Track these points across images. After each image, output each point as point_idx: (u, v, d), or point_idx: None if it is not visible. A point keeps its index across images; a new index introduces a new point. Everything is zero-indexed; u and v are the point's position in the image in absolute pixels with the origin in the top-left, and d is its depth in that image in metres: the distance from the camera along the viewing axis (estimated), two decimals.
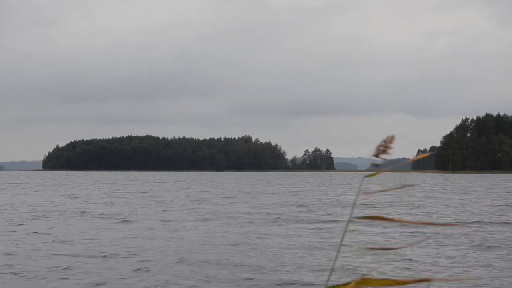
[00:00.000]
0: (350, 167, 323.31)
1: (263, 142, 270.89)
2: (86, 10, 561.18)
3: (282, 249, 14.74)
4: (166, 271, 11.62)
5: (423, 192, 46.05)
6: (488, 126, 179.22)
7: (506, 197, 39.88)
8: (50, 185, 65.13)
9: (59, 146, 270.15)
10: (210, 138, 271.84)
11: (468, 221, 21.82)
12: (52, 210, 27.37)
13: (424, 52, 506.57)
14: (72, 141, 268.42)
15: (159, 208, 28.51)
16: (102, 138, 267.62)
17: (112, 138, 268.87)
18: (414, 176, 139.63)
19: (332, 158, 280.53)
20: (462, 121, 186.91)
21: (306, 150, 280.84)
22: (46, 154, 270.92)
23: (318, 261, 12.81)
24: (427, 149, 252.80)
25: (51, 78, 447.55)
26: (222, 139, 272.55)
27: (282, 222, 21.68)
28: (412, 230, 17.85)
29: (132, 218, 22.87)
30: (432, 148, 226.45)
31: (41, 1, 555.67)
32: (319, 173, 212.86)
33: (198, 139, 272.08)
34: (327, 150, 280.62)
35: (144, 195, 40.96)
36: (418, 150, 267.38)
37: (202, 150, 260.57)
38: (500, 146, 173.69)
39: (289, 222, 21.52)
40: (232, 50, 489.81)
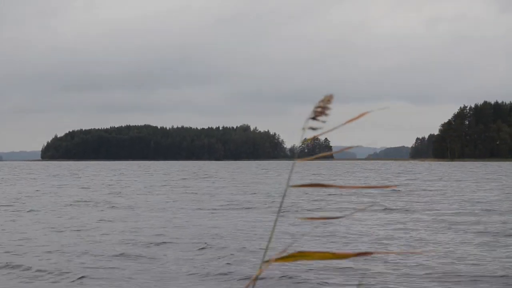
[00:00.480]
0: (349, 156, 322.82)
1: (262, 131, 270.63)
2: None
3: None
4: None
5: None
6: (486, 113, 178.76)
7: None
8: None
9: (58, 136, 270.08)
10: (208, 127, 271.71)
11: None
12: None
13: (424, 39, 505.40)
14: (70, 131, 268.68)
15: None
16: (100, 128, 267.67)
17: (110, 127, 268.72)
18: (414, 163, 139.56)
19: (331, 146, 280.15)
20: (460, 109, 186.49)
21: (305, 139, 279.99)
22: (45, 144, 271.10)
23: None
24: (425, 137, 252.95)
25: (50, 67, 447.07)
26: (220, 128, 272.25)
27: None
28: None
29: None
30: (430, 136, 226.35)
31: None
32: (318, 162, 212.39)
33: (196, 128, 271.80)
34: (326, 138, 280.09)
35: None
36: (417, 139, 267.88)
37: (201, 140, 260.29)
38: (498, 133, 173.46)
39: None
40: (231, 38, 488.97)
